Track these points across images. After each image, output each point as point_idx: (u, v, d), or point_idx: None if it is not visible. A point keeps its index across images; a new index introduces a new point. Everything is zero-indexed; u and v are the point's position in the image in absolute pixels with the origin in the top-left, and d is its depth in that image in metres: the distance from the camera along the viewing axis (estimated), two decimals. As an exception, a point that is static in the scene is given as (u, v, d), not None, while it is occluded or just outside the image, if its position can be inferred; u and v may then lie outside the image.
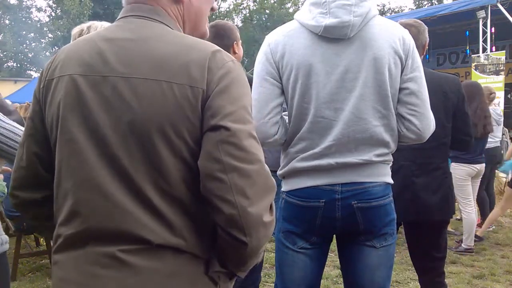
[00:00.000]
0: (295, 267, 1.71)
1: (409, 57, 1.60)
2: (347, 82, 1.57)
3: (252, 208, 0.91)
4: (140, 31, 1.00)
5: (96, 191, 0.94)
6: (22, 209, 1.14)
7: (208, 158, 0.92)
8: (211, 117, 0.92)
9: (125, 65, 0.95)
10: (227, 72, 0.96)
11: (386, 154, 1.63)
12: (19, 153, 1.09)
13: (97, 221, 0.94)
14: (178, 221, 0.94)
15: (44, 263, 4.37)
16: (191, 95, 0.93)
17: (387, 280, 1.70)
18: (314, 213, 1.62)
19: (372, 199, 1.60)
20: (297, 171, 1.64)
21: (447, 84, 2.36)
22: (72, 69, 0.99)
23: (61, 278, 0.99)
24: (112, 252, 0.93)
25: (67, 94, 0.98)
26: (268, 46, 1.65)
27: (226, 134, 0.91)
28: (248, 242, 0.92)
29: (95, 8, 26.19)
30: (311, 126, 1.60)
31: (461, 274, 3.97)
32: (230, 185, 0.90)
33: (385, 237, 1.65)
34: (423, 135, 1.65)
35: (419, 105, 1.61)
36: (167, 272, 0.94)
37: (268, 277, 3.90)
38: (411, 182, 2.32)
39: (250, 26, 31.54)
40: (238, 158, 0.91)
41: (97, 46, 1.00)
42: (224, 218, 0.91)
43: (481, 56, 9.17)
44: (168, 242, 0.93)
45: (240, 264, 1.01)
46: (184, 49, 0.96)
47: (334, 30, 1.56)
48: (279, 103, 1.64)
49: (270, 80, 1.62)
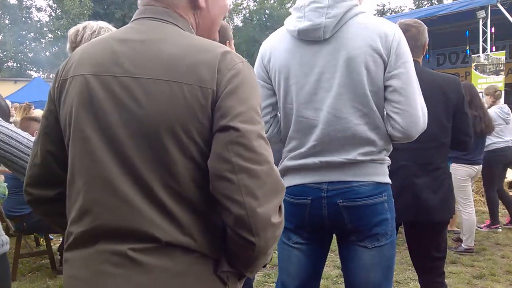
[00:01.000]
0: (290, 261, 1.77)
1: (392, 53, 1.58)
2: (324, 82, 1.61)
3: (260, 209, 0.92)
4: (152, 32, 1.02)
5: (107, 189, 0.96)
6: (35, 206, 1.16)
7: (217, 158, 0.93)
8: (220, 118, 0.94)
9: (135, 66, 0.97)
10: (236, 73, 0.97)
11: (374, 152, 1.63)
12: (34, 150, 1.11)
13: (108, 219, 0.96)
14: (187, 220, 0.96)
15: (44, 263, 4.37)
16: (201, 95, 0.94)
17: (384, 280, 1.69)
18: (302, 210, 1.68)
19: (358, 198, 1.61)
20: (288, 169, 1.72)
21: (447, 84, 2.36)
22: (85, 69, 1.01)
23: (71, 276, 1.00)
24: (123, 251, 0.94)
25: (80, 94, 0.99)
26: (260, 52, 1.78)
27: (235, 135, 0.92)
28: (256, 243, 0.93)
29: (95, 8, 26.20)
30: (295, 126, 1.68)
31: (461, 274, 3.97)
32: (239, 185, 0.91)
33: (377, 237, 1.64)
34: (408, 133, 1.62)
35: (402, 102, 1.59)
36: (176, 271, 0.95)
37: (268, 277, 3.90)
38: (412, 183, 2.32)
39: (250, 26, 31.55)
40: (247, 159, 0.92)
41: (109, 47, 1.02)
42: (233, 218, 0.93)
43: (481, 56, 9.17)
44: (177, 241, 0.94)
45: (248, 264, 1.02)
46: (193, 50, 0.98)
47: (307, 33, 1.62)
48: (269, 104, 1.75)
49: (260, 83, 1.72)
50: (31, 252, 4.47)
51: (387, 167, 1.70)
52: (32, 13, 30.47)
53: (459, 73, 11.88)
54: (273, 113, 1.75)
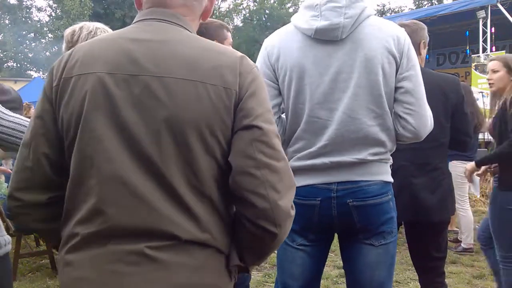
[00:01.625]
0: (294, 263, 1.75)
1: (404, 56, 1.62)
2: (340, 82, 1.60)
3: (281, 202, 0.98)
4: (165, 33, 1.03)
5: (123, 189, 0.96)
6: (22, 213, 1.07)
7: (241, 155, 0.98)
8: (244, 118, 0.99)
9: (155, 65, 0.98)
10: (255, 77, 1.04)
11: (382, 153, 1.65)
12: (24, 153, 1.05)
13: (123, 218, 0.95)
14: (206, 217, 0.99)
15: (44, 263, 4.37)
16: (226, 96, 0.99)
17: (387, 278, 1.71)
18: (311, 211, 1.66)
19: (367, 197, 1.62)
20: (295, 170, 1.65)
21: (446, 84, 2.36)
22: (96, 67, 0.99)
23: (76, 277, 0.98)
24: (140, 249, 0.94)
25: (93, 92, 0.98)
26: (265, 49, 1.72)
27: (258, 133, 0.98)
28: (278, 233, 0.99)
29: (95, 8, 26.18)
30: (306, 126, 1.65)
31: (461, 274, 3.98)
32: (262, 180, 0.97)
33: (383, 235, 1.66)
34: (419, 133, 1.66)
35: (414, 103, 1.62)
36: (195, 266, 0.97)
37: (268, 277, 3.90)
38: (410, 183, 2.32)
39: (250, 26, 31.54)
40: (269, 156, 0.98)
41: (121, 46, 1.01)
42: (256, 212, 0.97)
43: (481, 56, 9.17)
44: (196, 238, 0.97)
45: (262, 256, 1.08)
46: (212, 52, 1.03)
47: (325, 33, 1.60)
48: (275, 104, 1.70)
49: (266, 82, 1.67)
50: (31, 252, 4.47)
51: (389, 166, 1.72)
52: (32, 13, 30.49)
53: (459, 73, 11.88)
54: (278, 114, 1.73)
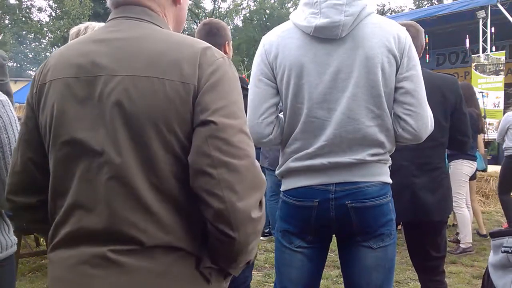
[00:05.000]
0: (292, 266, 1.70)
1: (405, 55, 1.57)
2: (339, 82, 1.56)
3: (240, 203, 0.91)
4: (130, 31, 1.03)
5: (89, 189, 0.96)
6: (18, 213, 1.15)
7: (197, 152, 0.93)
8: (200, 112, 0.94)
9: (115, 64, 0.97)
10: (217, 68, 0.98)
11: (381, 153, 1.61)
12: (14, 158, 1.10)
13: (90, 221, 0.95)
14: (170, 218, 0.95)
15: (44, 263, 4.37)
16: (183, 91, 0.94)
17: (386, 281, 1.66)
18: (308, 213, 1.62)
19: (366, 199, 1.58)
20: (292, 171, 1.64)
21: (445, 84, 2.37)
22: (63, 72, 1.01)
23: (54, 277, 1.01)
24: (102, 252, 0.94)
25: (61, 97, 0.99)
26: (263, 47, 1.66)
27: (215, 129, 0.92)
28: (236, 237, 0.93)
29: (95, 8, 26.16)
30: (304, 126, 1.60)
31: (461, 274, 3.97)
32: (218, 180, 0.91)
33: (382, 237, 1.62)
34: (419, 135, 1.61)
35: (414, 104, 1.58)
36: (158, 271, 0.94)
37: (268, 277, 3.90)
38: (411, 182, 2.32)
39: (250, 26, 31.53)
40: (227, 153, 0.92)
41: (86, 48, 1.02)
42: (213, 213, 0.92)
43: (481, 56, 9.17)
44: (160, 241, 0.94)
45: (230, 260, 1.01)
46: (174, 46, 0.99)
47: (324, 30, 1.55)
48: (273, 103, 1.65)
49: (264, 81, 1.63)
50: (31, 252, 4.46)
51: (388, 167, 1.68)
52: (32, 13, 30.47)
53: (459, 73, 11.88)
54: (276, 113, 1.67)
